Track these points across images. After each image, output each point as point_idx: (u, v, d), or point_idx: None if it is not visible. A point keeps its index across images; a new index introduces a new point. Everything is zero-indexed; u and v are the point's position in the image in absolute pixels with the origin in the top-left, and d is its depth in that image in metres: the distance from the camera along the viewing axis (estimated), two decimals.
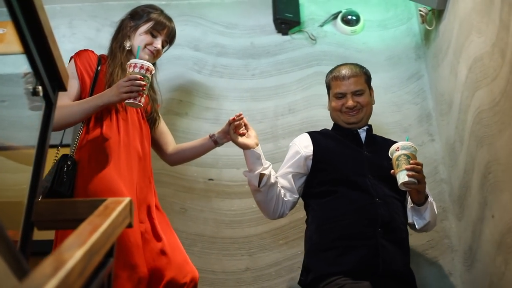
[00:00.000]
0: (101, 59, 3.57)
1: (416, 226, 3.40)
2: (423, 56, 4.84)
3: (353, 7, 5.12)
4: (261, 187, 3.32)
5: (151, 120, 3.60)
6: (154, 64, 3.61)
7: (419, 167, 3.06)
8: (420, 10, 4.55)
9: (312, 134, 3.67)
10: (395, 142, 3.41)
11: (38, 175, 2.13)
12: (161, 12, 3.73)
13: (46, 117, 2.27)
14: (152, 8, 3.72)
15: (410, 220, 3.41)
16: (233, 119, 3.34)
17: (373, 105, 3.70)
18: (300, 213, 4.06)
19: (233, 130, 3.35)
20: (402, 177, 3.03)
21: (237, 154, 4.16)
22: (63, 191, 3.06)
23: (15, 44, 2.12)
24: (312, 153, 3.52)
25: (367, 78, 3.70)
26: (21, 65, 2.26)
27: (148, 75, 3.13)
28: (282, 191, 3.46)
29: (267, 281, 4.07)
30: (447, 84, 4.12)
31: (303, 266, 3.41)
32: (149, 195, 3.33)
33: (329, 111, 3.79)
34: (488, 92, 3.22)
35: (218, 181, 4.08)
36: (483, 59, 3.30)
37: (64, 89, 2.40)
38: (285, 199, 3.47)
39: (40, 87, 2.20)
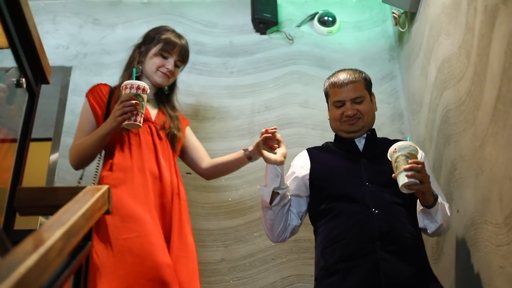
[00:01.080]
0: (114, 89, 3.57)
1: (428, 231, 3.00)
2: (397, 57, 4.94)
3: (329, 8, 5.22)
4: (273, 205, 3.10)
5: (171, 136, 3.51)
6: (174, 84, 3.72)
7: (419, 166, 2.73)
8: (393, 13, 4.66)
9: (310, 151, 3.42)
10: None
11: (21, 163, 2.21)
12: (171, 31, 3.71)
13: (29, 108, 2.35)
14: (162, 29, 3.71)
15: (421, 225, 3.02)
16: (266, 130, 3.17)
17: (375, 112, 3.42)
18: None
19: (262, 141, 3.20)
20: (401, 178, 2.74)
21: (215, 149, 4.26)
22: None
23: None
24: (308, 172, 3.28)
25: (367, 83, 3.37)
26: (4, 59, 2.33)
27: (141, 93, 3.07)
28: (290, 216, 3.23)
29: (241, 272, 4.15)
30: (418, 84, 4.22)
31: None
32: (175, 211, 3.27)
33: (329, 121, 3.46)
34: (454, 92, 3.32)
35: (195, 175, 4.14)
36: (451, 61, 3.40)
37: (46, 82, 2.48)
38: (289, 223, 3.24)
39: (23, 79, 2.27)
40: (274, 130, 3.15)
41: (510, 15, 2.44)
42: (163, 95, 3.70)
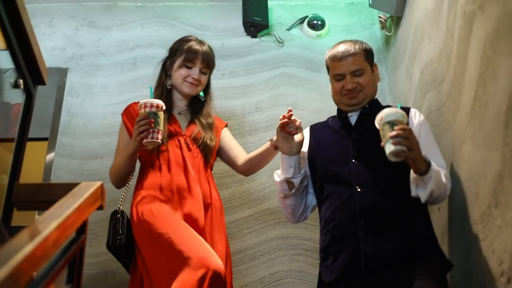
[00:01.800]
0: None
1: (421, 200, 2.74)
2: (384, 60, 5.03)
3: (319, 12, 5.32)
4: (290, 194, 3.09)
5: (203, 147, 3.51)
6: (206, 92, 3.76)
7: (405, 132, 2.54)
8: (379, 17, 4.75)
9: (312, 129, 3.35)
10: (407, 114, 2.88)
11: (18, 160, 2.31)
12: (193, 40, 3.72)
13: (26, 108, 2.46)
14: (183, 40, 3.74)
15: (413, 194, 2.75)
16: (283, 116, 3.03)
17: (378, 83, 3.28)
18: (263, 205, 4.27)
19: (280, 128, 3.04)
20: (388, 147, 2.56)
21: None
22: (120, 244, 3.20)
23: None
24: (306, 151, 3.22)
25: (367, 54, 3.22)
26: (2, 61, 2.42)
27: (156, 111, 3.11)
28: (308, 197, 3.21)
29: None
30: (403, 86, 4.31)
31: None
32: (206, 220, 3.29)
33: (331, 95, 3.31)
34: (436, 94, 3.41)
35: None
36: (433, 63, 3.49)
37: (43, 83, 2.57)
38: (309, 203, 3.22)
39: (21, 81, 2.37)
40: (290, 114, 3.00)
41: (485, 20, 2.53)
42: (198, 104, 3.73)
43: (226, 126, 3.84)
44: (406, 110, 2.98)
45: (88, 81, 4.98)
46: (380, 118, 2.66)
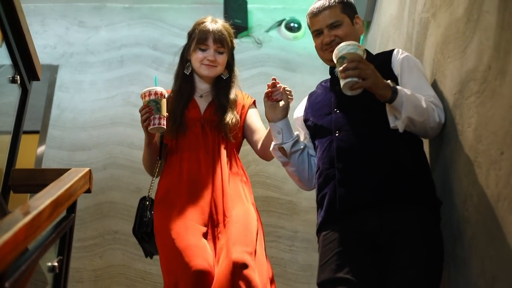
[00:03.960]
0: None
1: (399, 129, 2.47)
2: None
3: (296, 15, 5.54)
4: (286, 160, 2.92)
5: (223, 126, 3.32)
6: (230, 69, 3.51)
7: (353, 63, 2.37)
8: None
9: (309, 94, 3.10)
10: (390, 54, 2.81)
11: (15, 148, 2.52)
12: (205, 21, 3.50)
13: (22, 101, 2.67)
14: (197, 23, 3.52)
15: (392, 125, 2.50)
16: (268, 85, 2.90)
17: (361, 34, 3.04)
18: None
19: (265, 98, 2.90)
20: (340, 82, 2.38)
21: None
22: (146, 230, 3.14)
23: None
24: (302, 115, 3.02)
25: (345, 6, 2.94)
26: None
27: (154, 97, 3.07)
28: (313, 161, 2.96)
29: None
30: None
31: None
32: (237, 202, 3.13)
33: None
34: None
35: None
36: None
37: (37, 79, 2.78)
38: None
39: (18, 77, 2.58)
40: (274, 82, 2.88)
41: (437, 27, 2.73)
42: (221, 84, 3.48)
43: (254, 103, 3.61)
44: (390, 51, 2.85)
45: (78, 78, 5.19)
46: (334, 56, 2.48)
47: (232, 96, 3.45)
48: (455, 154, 2.35)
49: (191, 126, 3.31)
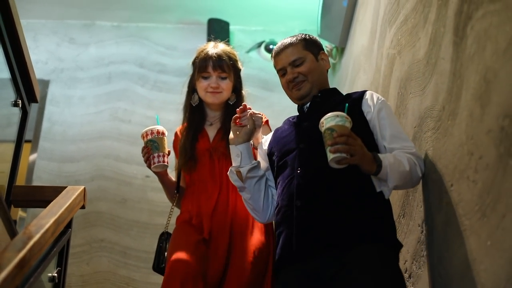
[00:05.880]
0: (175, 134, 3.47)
1: (385, 196, 2.43)
2: (331, 84, 5.38)
3: (275, 37, 5.77)
4: (242, 185, 2.78)
5: (228, 153, 3.00)
6: (238, 93, 3.34)
7: (342, 138, 2.26)
8: (326, 46, 5.16)
9: (275, 129, 2.97)
10: (361, 97, 2.72)
11: (16, 166, 2.72)
12: (205, 47, 3.36)
13: (22, 123, 2.86)
14: (197, 51, 3.38)
15: (378, 190, 2.41)
16: (237, 110, 2.76)
17: (327, 69, 2.91)
18: None
19: (233, 122, 2.76)
20: (328, 155, 2.29)
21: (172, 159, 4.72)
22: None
23: None
24: (266, 148, 2.90)
25: (307, 43, 2.83)
26: None
27: (151, 137, 3.04)
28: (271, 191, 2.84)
29: None
30: None
31: None
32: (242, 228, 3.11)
33: None
34: None
35: (154, 178, 4.48)
36: None
37: (36, 101, 2.98)
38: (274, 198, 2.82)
39: (19, 101, 2.77)
40: (242, 108, 2.74)
41: (401, 64, 2.93)
42: (229, 109, 3.30)
43: (267, 123, 3.29)
44: (361, 93, 2.75)
45: (68, 93, 5.37)
46: (321, 124, 2.38)
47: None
48: None
49: (201, 156, 3.24)
